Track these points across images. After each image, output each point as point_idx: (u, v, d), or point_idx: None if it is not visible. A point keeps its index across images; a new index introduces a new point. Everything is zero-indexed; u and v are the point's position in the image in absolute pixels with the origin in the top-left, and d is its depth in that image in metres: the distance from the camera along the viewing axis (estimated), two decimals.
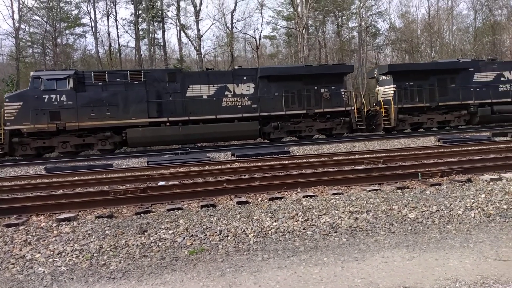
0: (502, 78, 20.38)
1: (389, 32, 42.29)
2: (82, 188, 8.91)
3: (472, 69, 20.11)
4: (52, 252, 4.55)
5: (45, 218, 6.07)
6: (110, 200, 6.91)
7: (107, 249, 4.61)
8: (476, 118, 19.87)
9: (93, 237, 4.99)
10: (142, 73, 17.11)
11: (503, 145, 12.61)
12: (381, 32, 43.66)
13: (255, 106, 17.74)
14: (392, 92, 19.27)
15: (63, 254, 4.52)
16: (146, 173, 10.57)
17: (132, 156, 15.74)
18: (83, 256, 4.44)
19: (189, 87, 17.22)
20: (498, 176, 7.38)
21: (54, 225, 5.58)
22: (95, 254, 4.48)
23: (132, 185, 8.86)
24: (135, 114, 16.43)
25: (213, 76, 17.75)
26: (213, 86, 17.43)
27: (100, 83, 16.45)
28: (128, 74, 17.02)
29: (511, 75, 20.52)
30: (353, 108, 18.66)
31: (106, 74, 16.85)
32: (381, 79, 20.44)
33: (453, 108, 19.81)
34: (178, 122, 16.87)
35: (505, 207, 5.54)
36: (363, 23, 38.62)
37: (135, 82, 16.73)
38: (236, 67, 19.81)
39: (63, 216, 5.95)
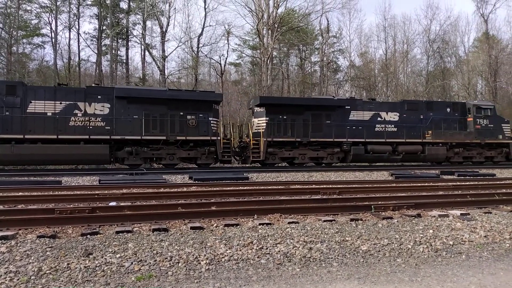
0: (379, 118, 20.58)
1: (348, 69, 44.30)
2: (25, 205, 8.33)
3: (349, 107, 20.16)
4: None
5: None
6: (54, 219, 6.49)
7: (47, 271, 4.27)
8: (350, 156, 19.78)
9: (32, 258, 4.62)
10: None
11: (450, 183, 13.27)
12: (341, 68, 45.72)
13: (109, 128, 16.51)
14: (264, 124, 18.95)
15: None
16: (96, 192, 10.09)
17: (83, 174, 15.06)
18: (18, 279, 4.08)
19: (31, 102, 15.78)
20: (446, 213, 7.70)
21: None
22: (32, 277, 4.13)
23: (80, 204, 8.42)
24: None
25: (62, 93, 16.31)
26: (61, 103, 16.09)
27: None
28: None
29: (388, 116, 20.76)
30: (219, 138, 17.92)
31: None
32: (255, 110, 20.04)
33: (326, 145, 19.64)
34: (11, 140, 15.18)
35: (451, 243, 5.75)
36: (325, 59, 40.23)
37: None
38: (92, 84, 18.49)
39: (0, 234, 5.50)
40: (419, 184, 12.84)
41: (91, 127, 16.32)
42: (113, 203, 8.51)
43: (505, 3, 52.55)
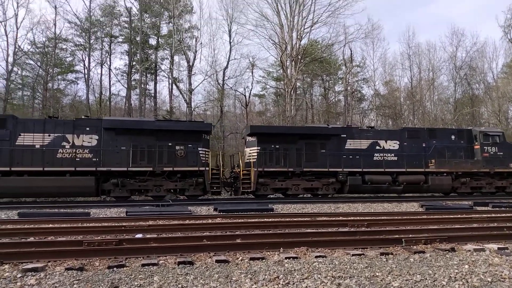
0: (378, 147, 19.71)
1: (373, 97, 43.99)
2: (55, 237, 8.50)
3: (345, 135, 19.52)
4: None
5: (10, 267, 5.69)
6: (82, 251, 6.58)
7: None
8: (346, 187, 18.82)
9: None
10: None
11: (484, 215, 12.69)
12: (366, 97, 45.44)
13: (96, 159, 16.43)
14: (256, 154, 18.45)
15: None
16: (123, 224, 10.21)
17: (111, 206, 15.30)
18: None
19: (20, 135, 15.95)
20: (481, 247, 7.33)
21: (18, 275, 5.22)
22: None
23: (107, 236, 8.51)
24: None
25: (51, 125, 16.42)
26: (49, 136, 16.20)
27: None
28: None
29: (387, 144, 19.88)
30: (207, 168, 17.44)
31: None
32: (247, 140, 19.49)
33: (320, 175, 18.82)
34: None
35: (489, 279, 5.43)
36: (349, 88, 40.22)
37: None
38: (83, 117, 18.48)
39: (30, 266, 5.61)
40: (452, 216, 12.33)
41: (78, 159, 16.30)
42: (139, 235, 8.57)
43: None
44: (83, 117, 18.50)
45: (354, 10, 41.11)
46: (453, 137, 20.98)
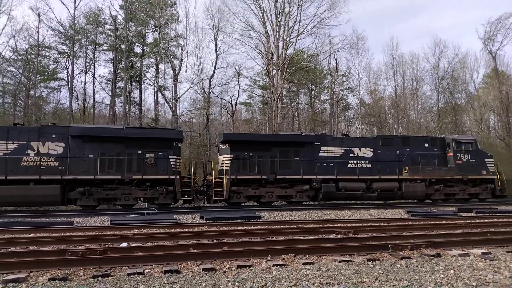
0: (352, 155, 19.88)
1: (358, 106, 44.54)
2: (37, 246, 8.30)
3: (319, 143, 19.70)
4: None
5: None
6: (66, 260, 6.42)
7: None
8: (320, 194, 18.94)
9: None
10: None
11: (468, 221, 12.89)
12: (351, 106, 45.97)
13: (62, 167, 16.09)
14: (228, 161, 18.43)
15: None
16: (108, 232, 10.03)
17: (94, 214, 15.02)
18: None
19: None
20: (466, 252, 7.43)
21: (0, 286, 5.07)
22: None
23: (92, 245, 8.36)
24: None
25: (15, 133, 16.06)
26: (13, 143, 15.86)
27: None
28: None
29: (361, 152, 20.06)
30: (178, 176, 17.22)
31: None
32: (220, 147, 19.49)
33: (294, 182, 18.90)
34: None
35: (474, 283, 5.50)
36: (334, 97, 40.64)
37: None
38: (49, 124, 18.08)
39: (11, 276, 5.44)
40: (437, 222, 12.48)
41: (43, 167, 15.93)
42: (124, 244, 8.43)
43: None
44: (49, 124, 18.07)
45: (339, 21, 42.03)
46: (426, 144, 21.29)
